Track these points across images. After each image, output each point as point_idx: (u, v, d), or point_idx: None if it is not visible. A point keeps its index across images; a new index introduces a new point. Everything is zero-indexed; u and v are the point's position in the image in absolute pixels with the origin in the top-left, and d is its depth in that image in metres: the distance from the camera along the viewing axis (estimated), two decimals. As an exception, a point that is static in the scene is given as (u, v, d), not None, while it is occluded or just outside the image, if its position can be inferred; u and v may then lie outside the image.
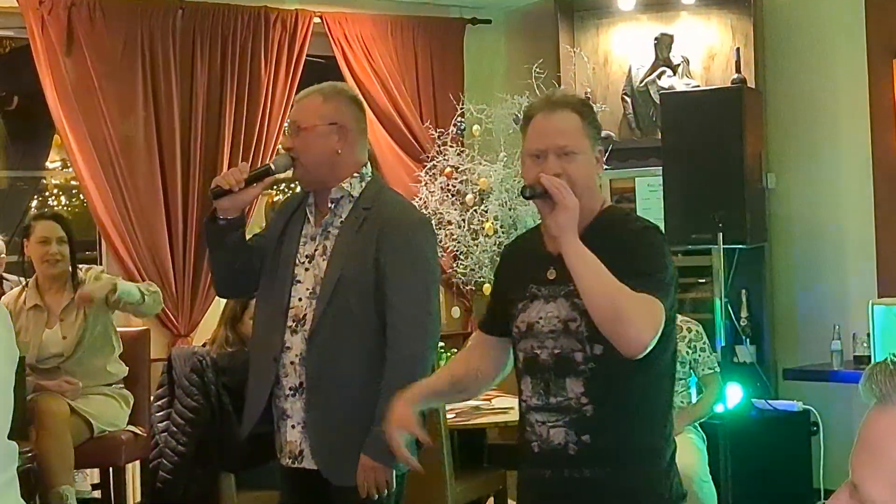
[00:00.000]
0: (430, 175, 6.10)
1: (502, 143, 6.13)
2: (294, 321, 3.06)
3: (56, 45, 5.37)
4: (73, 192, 6.65)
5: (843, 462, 1.19)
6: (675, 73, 6.13)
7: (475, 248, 6.02)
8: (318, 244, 3.09)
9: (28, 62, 5.40)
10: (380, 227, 3.05)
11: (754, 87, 5.83)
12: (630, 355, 2.29)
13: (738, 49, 5.87)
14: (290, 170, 3.11)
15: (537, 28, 6.56)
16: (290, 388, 3.07)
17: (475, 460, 4.93)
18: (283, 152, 3.17)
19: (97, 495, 5.15)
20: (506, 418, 4.65)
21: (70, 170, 5.77)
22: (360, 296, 3.02)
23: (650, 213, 5.47)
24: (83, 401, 4.72)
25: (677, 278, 2.47)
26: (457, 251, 6.07)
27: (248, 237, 3.25)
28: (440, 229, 5.99)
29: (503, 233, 5.97)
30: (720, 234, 5.27)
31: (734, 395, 5.24)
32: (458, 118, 6.20)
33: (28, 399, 4.57)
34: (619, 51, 6.34)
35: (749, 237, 5.48)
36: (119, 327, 5.00)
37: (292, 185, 7.04)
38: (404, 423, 2.57)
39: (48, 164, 6.45)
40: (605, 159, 2.58)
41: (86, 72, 5.42)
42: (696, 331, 4.79)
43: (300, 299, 3.06)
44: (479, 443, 5.03)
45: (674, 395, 2.56)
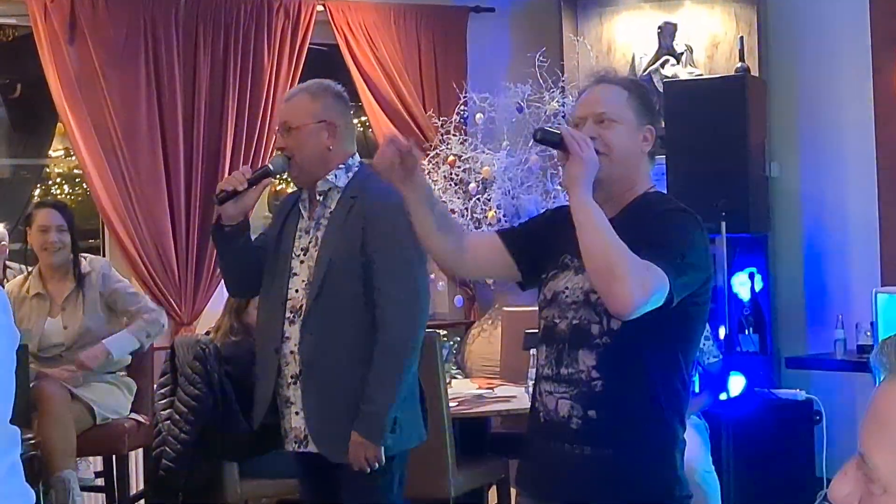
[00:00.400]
0: (433, 164, 6.09)
1: (505, 132, 6.12)
2: (292, 312, 3.19)
3: (59, 32, 5.36)
4: (77, 180, 6.65)
5: (847, 451, 1.20)
6: (678, 62, 6.12)
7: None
8: (311, 237, 3.21)
9: (31, 50, 5.39)
10: (365, 213, 3.16)
11: (758, 75, 5.82)
12: (616, 314, 2.26)
13: (741, 38, 5.86)
14: (286, 169, 3.23)
15: (540, 16, 6.54)
16: (292, 377, 3.19)
17: (477, 449, 4.93)
18: (278, 153, 3.27)
19: (100, 483, 5.15)
20: (508, 407, 4.66)
21: (73, 158, 5.76)
22: (349, 282, 3.13)
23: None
24: (85, 388, 4.72)
25: (708, 267, 2.39)
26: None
27: (252, 236, 3.36)
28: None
29: (506, 221, 5.96)
30: (723, 223, 5.26)
31: (737, 384, 5.25)
32: (461, 107, 6.19)
33: (31, 386, 4.58)
34: (623, 39, 6.33)
35: (752, 226, 5.47)
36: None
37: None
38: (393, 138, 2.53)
39: (51, 153, 6.44)
40: (654, 142, 2.49)
41: (88, 60, 5.41)
42: None
43: (297, 291, 3.19)
44: (482, 431, 5.03)
45: (690, 385, 2.47)
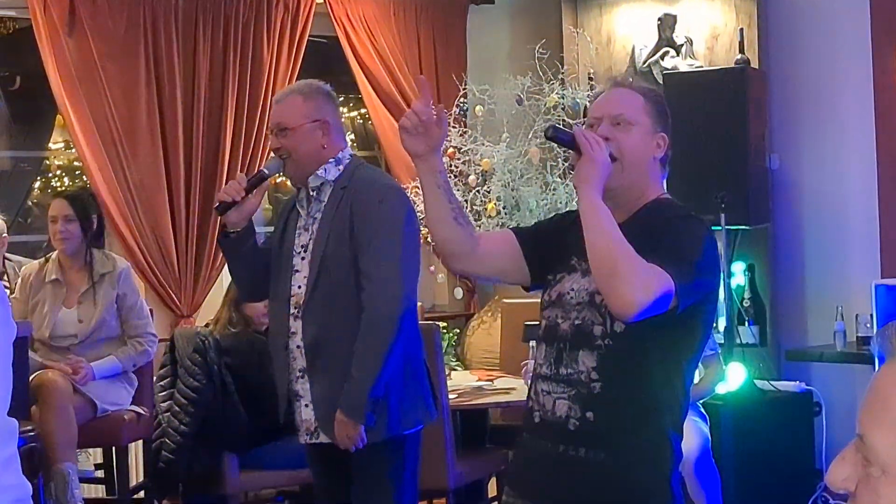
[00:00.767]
0: (432, 156, 6.08)
1: (505, 124, 6.11)
2: (295, 308, 3.27)
3: (58, 25, 5.35)
4: (77, 172, 6.64)
5: (846, 442, 1.19)
6: (678, 54, 6.11)
7: (478, 229, 6.00)
8: (309, 232, 3.30)
9: (30, 42, 5.38)
10: (352, 201, 3.25)
11: (758, 67, 5.81)
12: (619, 315, 2.25)
13: (741, 29, 5.85)
14: (281, 171, 3.33)
15: (540, 8, 6.54)
16: (300, 371, 3.29)
17: (477, 441, 4.94)
18: (272, 156, 3.36)
19: (100, 475, 5.16)
20: (508, 398, 4.66)
21: (73, 151, 5.76)
22: (342, 270, 3.22)
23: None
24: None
25: (716, 276, 2.39)
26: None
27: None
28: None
29: (506, 214, 5.96)
30: (723, 215, 5.26)
31: (736, 376, 5.24)
32: (461, 99, 6.19)
33: (31, 378, 4.58)
34: (623, 31, 6.32)
35: (752, 218, 5.47)
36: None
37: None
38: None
39: (51, 145, 6.44)
40: (667, 150, 2.47)
41: (88, 52, 5.40)
42: None
43: (299, 287, 3.28)
44: (482, 423, 5.03)
45: (689, 392, 2.45)
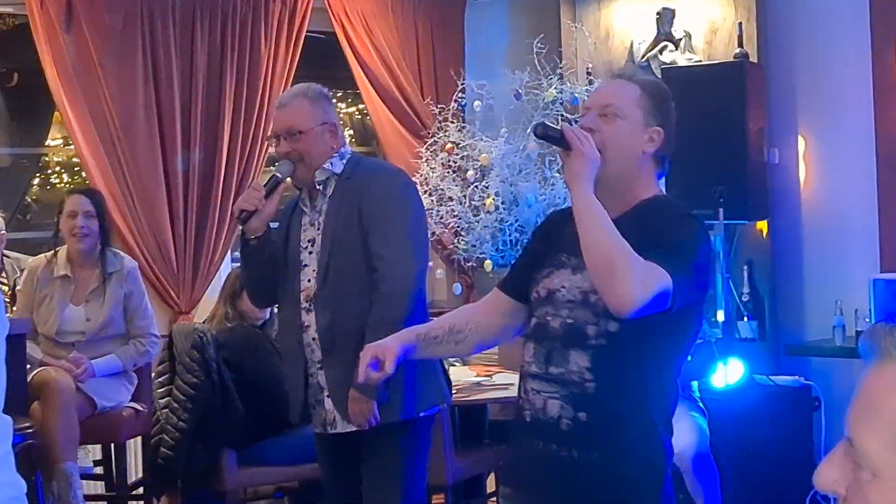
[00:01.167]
0: (430, 151, 6.08)
1: (503, 119, 6.11)
2: (307, 301, 3.32)
3: (55, 21, 5.33)
4: (76, 169, 6.64)
5: (846, 438, 1.18)
6: (676, 48, 6.10)
7: (476, 224, 6.00)
8: (316, 226, 3.35)
9: (28, 39, 5.37)
10: (359, 187, 3.30)
11: (756, 61, 5.80)
12: (616, 312, 2.23)
13: (740, 23, 5.84)
14: (292, 173, 3.36)
15: (538, 3, 6.52)
16: (318, 363, 3.33)
17: (475, 437, 4.94)
18: (282, 160, 3.37)
19: (99, 471, 5.16)
20: (507, 394, 4.66)
21: (72, 147, 5.75)
22: (352, 256, 3.27)
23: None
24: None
25: (710, 277, 2.39)
26: (458, 227, 6.06)
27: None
28: (441, 206, 5.99)
29: (504, 209, 5.96)
30: (721, 210, 5.25)
31: (735, 370, 5.24)
32: (459, 94, 6.18)
33: (32, 375, 4.59)
34: (621, 25, 6.31)
35: (751, 212, 5.46)
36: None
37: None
38: (381, 352, 2.49)
39: (50, 142, 6.43)
40: (663, 146, 2.44)
41: (85, 48, 5.39)
42: None
43: (309, 280, 3.33)
44: (480, 419, 5.04)
45: (678, 391, 2.46)
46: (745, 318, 5.68)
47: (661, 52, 6.11)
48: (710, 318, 5.31)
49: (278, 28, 5.84)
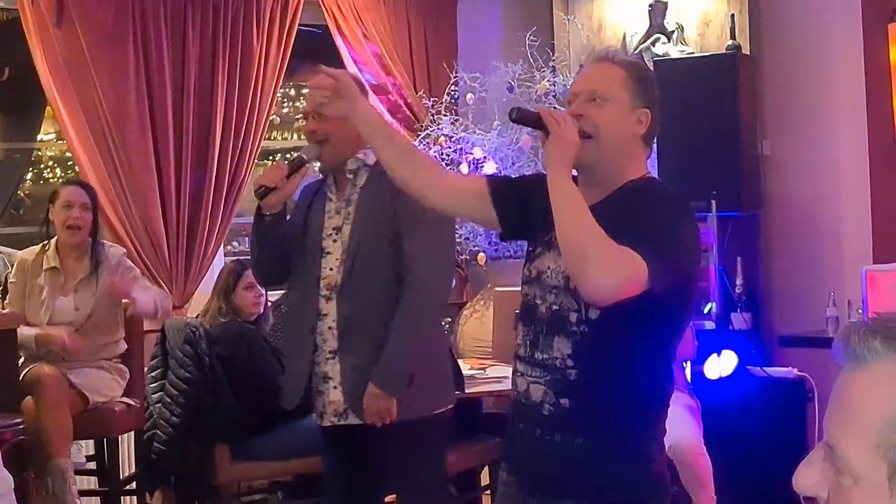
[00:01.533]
0: (424, 144, 6.07)
1: (496, 112, 6.09)
2: (328, 289, 3.29)
3: (46, 16, 5.33)
4: (69, 163, 6.62)
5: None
6: (669, 40, 6.10)
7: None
8: (343, 216, 3.33)
9: (19, 33, 5.36)
10: (393, 184, 3.20)
11: (749, 53, 5.80)
12: (590, 300, 2.21)
13: (732, 15, 5.84)
14: (318, 156, 3.35)
15: (531, -5, 6.52)
16: (330, 352, 3.30)
17: (470, 430, 4.93)
18: (310, 144, 3.39)
19: (92, 466, 5.15)
20: (501, 387, 4.65)
21: (64, 141, 5.74)
22: (381, 253, 3.26)
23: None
24: (79, 374, 4.72)
25: (694, 257, 2.34)
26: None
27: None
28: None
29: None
30: (714, 202, 5.25)
31: (729, 362, 5.24)
32: (452, 87, 6.17)
33: (24, 372, 4.58)
34: (614, 17, 6.30)
35: (744, 204, 5.46)
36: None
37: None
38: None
39: (43, 136, 6.42)
40: (651, 128, 2.41)
41: (77, 43, 5.38)
42: None
43: (331, 269, 3.30)
44: (474, 412, 5.03)
45: (672, 377, 2.43)
46: (739, 309, 5.68)
47: (653, 44, 6.11)
48: (702, 309, 5.33)
49: (270, 21, 5.83)
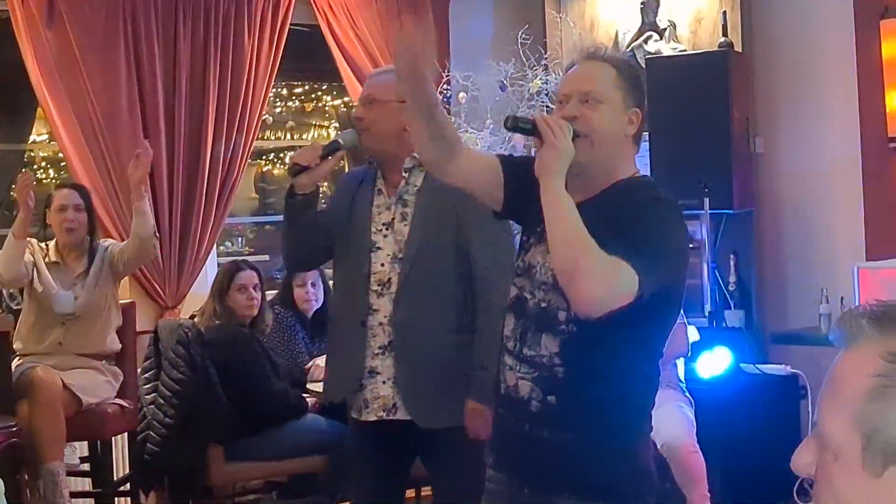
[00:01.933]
0: (416, 143, 6.06)
1: (489, 111, 6.09)
2: (379, 285, 3.28)
3: (37, 16, 5.31)
4: (62, 164, 6.61)
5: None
6: (661, 38, 6.10)
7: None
8: (394, 212, 3.32)
9: (9, 34, 5.34)
10: (454, 191, 3.20)
11: (741, 50, 5.80)
12: (581, 313, 2.21)
13: (724, 12, 5.84)
14: (356, 144, 3.34)
15: (523, -7, 6.51)
16: (380, 348, 3.29)
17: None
18: (349, 129, 3.40)
19: (86, 468, 5.15)
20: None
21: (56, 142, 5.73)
22: (441, 256, 3.26)
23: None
24: (72, 375, 4.72)
25: (683, 260, 2.35)
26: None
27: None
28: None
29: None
30: (706, 199, 5.25)
31: (722, 359, 5.25)
32: (444, 86, 6.15)
33: (18, 374, 4.58)
34: (606, 16, 6.30)
35: (737, 202, 5.47)
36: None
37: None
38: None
39: (35, 137, 6.40)
40: (640, 126, 2.42)
41: (67, 44, 5.37)
42: None
43: (382, 264, 3.29)
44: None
45: (659, 375, 2.45)
46: (732, 307, 5.69)
47: (645, 41, 6.11)
48: (696, 307, 5.33)
49: (262, 21, 5.82)
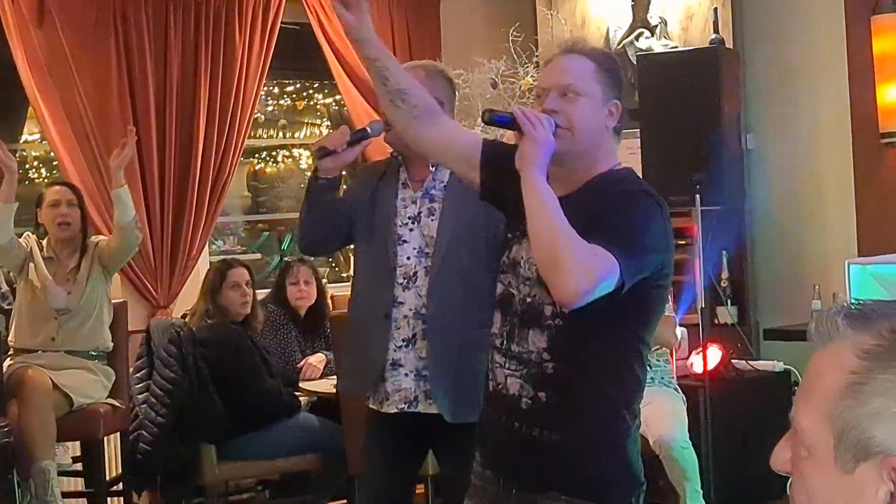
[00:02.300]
0: (408, 141, 6.06)
1: (480, 108, 6.08)
2: (405, 278, 3.28)
3: (27, 16, 5.31)
4: (54, 163, 6.60)
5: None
6: (652, 35, 6.10)
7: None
8: (420, 206, 3.32)
9: (0, 34, 5.34)
10: None
11: (732, 47, 5.80)
12: (562, 305, 2.21)
13: (715, 9, 5.84)
14: (383, 133, 3.31)
15: (514, -10, 6.51)
16: (403, 340, 3.29)
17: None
18: (377, 118, 3.40)
19: (78, 468, 5.15)
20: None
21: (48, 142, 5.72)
22: (471, 252, 3.24)
23: (629, 175, 5.44)
24: (64, 375, 4.72)
25: (665, 251, 2.34)
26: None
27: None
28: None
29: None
30: (698, 196, 5.25)
31: (715, 356, 5.25)
32: (436, 83, 6.15)
33: (8, 374, 4.57)
34: (597, 12, 6.30)
35: (728, 198, 5.46)
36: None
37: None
38: None
39: (27, 137, 6.39)
40: (621, 118, 2.42)
41: (58, 43, 5.36)
42: None
43: (408, 258, 3.28)
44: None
45: (647, 369, 2.44)
46: (726, 303, 5.69)
47: (636, 38, 6.11)
48: (688, 303, 5.33)
49: (252, 19, 5.81)
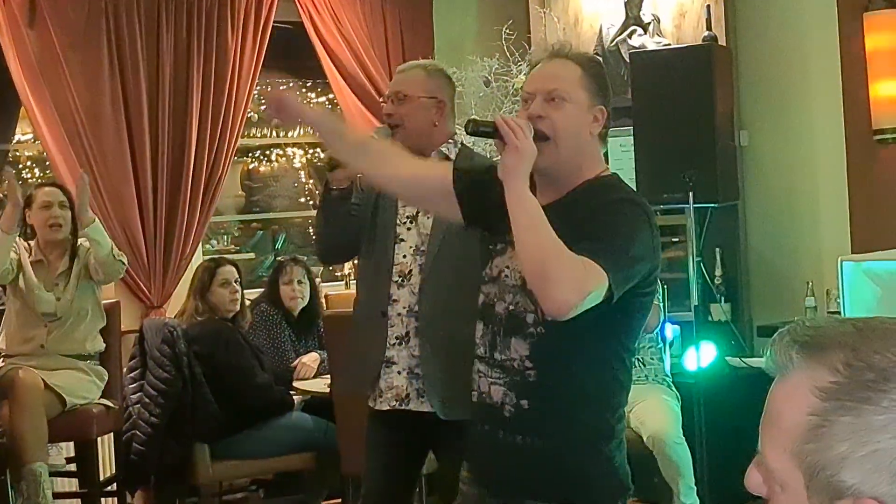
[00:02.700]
0: (401, 139, 6.05)
1: (473, 106, 6.08)
2: (400, 276, 3.32)
3: (18, 16, 5.30)
4: (48, 164, 6.59)
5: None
6: (645, 32, 6.09)
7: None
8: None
9: (-9, 34, 5.33)
10: None
11: (725, 44, 5.79)
12: (552, 316, 2.20)
13: (708, 6, 5.83)
14: (389, 139, 3.35)
15: (507, -12, 6.50)
16: (397, 338, 3.32)
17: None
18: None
19: (72, 468, 5.14)
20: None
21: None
22: (464, 248, 3.21)
23: (622, 173, 5.29)
24: (56, 376, 4.71)
25: (653, 259, 2.33)
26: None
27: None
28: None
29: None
30: (692, 193, 5.25)
31: (708, 353, 5.25)
32: (429, 82, 6.15)
33: (1, 376, 4.57)
34: (590, 10, 6.29)
35: (721, 195, 5.46)
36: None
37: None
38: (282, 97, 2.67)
39: (20, 137, 6.38)
40: (606, 123, 2.42)
41: (50, 43, 5.35)
42: None
43: (405, 256, 3.32)
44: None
45: (631, 374, 2.44)
46: (719, 300, 5.69)
47: (629, 36, 6.10)
48: (682, 301, 5.34)
49: (245, 18, 5.80)
